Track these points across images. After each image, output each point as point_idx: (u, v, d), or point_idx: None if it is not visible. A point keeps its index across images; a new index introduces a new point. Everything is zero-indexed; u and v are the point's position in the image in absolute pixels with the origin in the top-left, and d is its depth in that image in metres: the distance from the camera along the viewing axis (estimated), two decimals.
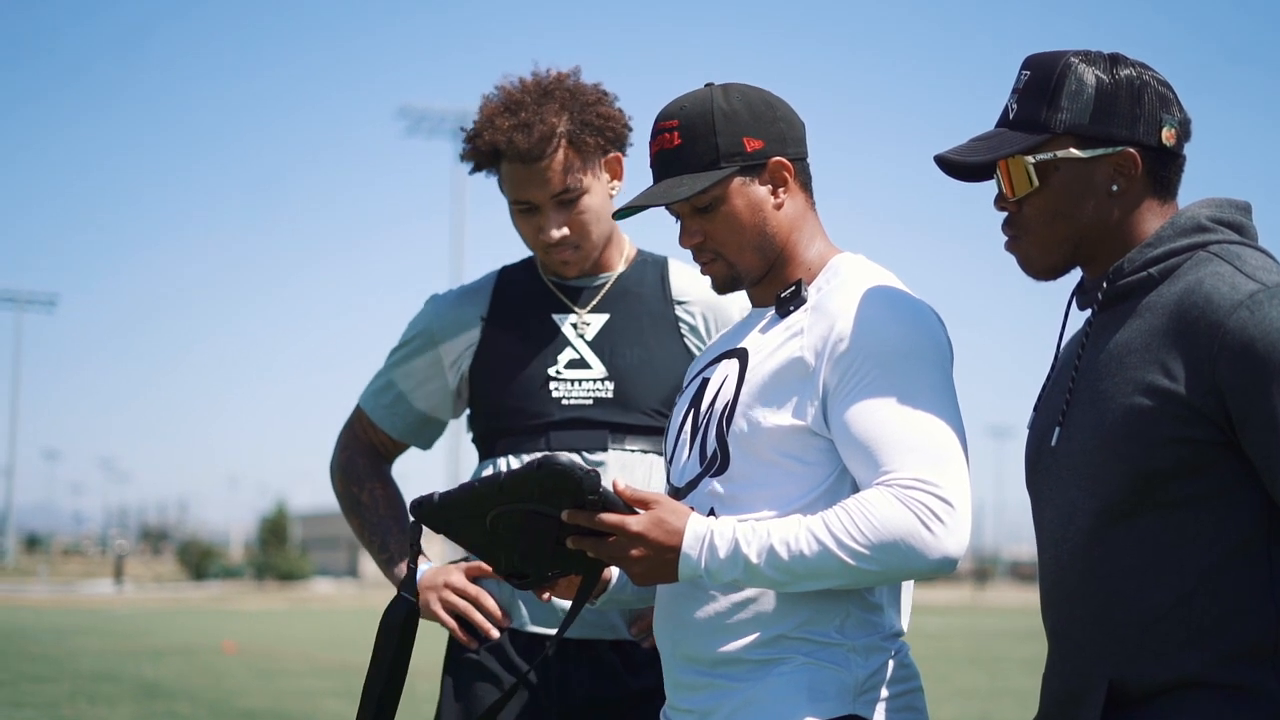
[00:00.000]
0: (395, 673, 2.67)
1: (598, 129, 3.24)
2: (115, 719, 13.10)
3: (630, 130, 3.34)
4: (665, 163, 2.63)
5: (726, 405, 2.59)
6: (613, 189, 3.33)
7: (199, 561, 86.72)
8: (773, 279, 2.67)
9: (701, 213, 2.63)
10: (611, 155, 3.31)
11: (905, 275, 2.65)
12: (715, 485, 2.57)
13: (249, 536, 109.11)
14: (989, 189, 2.45)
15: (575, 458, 2.85)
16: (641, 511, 2.45)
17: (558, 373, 3.29)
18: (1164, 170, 2.36)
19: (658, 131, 2.65)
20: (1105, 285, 2.35)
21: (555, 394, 3.27)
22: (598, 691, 3.19)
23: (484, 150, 3.25)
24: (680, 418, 2.72)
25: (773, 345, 2.59)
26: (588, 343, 3.32)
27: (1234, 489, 2.20)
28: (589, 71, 3.35)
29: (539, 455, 2.45)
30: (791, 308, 2.61)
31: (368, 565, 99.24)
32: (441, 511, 2.54)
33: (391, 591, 2.84)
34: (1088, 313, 2.42)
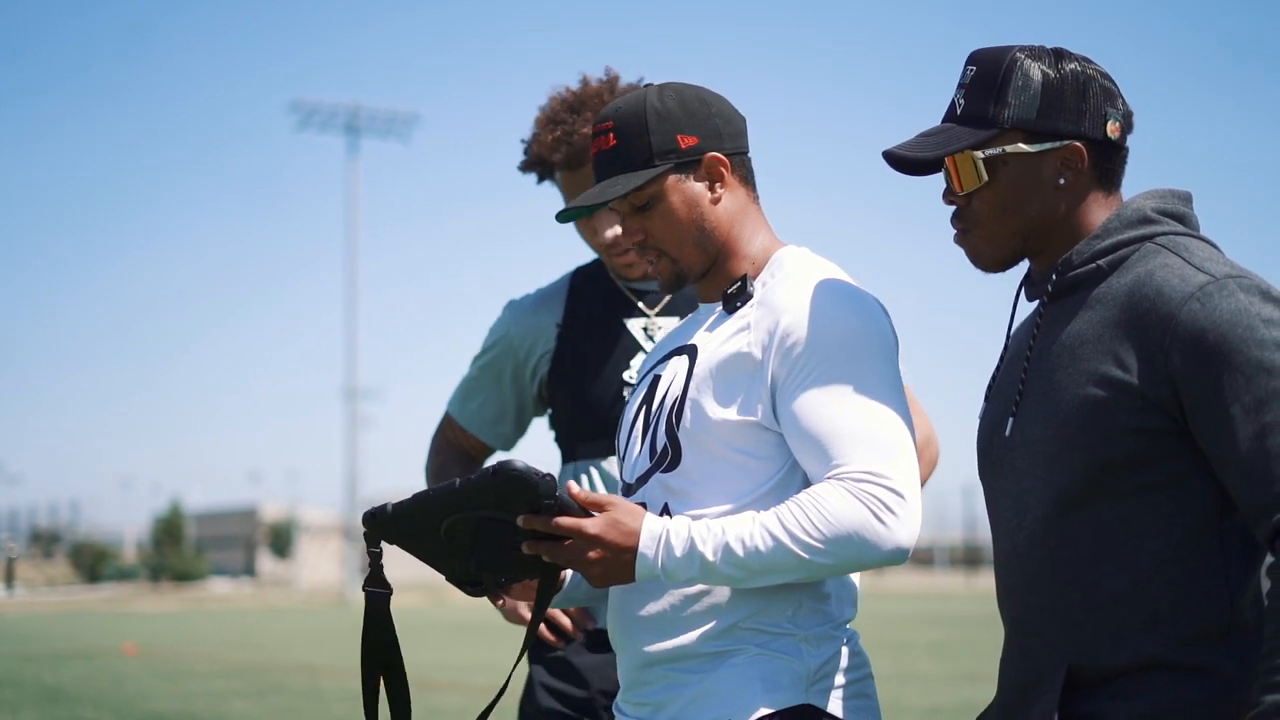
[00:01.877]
0: (393, 661, 2.64)
1: None
2: None
3: None
4: (602, 164, 2.67)
5: (676, 401, 2.60)
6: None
7: (93, 564, 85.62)
8: (716, 274, 2.69)
9: (640, 211, 2.66)
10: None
11: (855, 267, 2.69)
12: (667, 480, 2.59)
13: (142, 537, 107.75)
14: (937, 181, 2.48)
15: (530, 462, 2.88)
16: (596, 514, 2.47)
17: (631, 378, 3.37)
18: (1109, 163, 2.40)
19: (595, 134, 2.68)
20: (1055, 277, 2.38)
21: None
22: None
23: (535, 162, 3.42)
24: (632, 414, 2.73)
25: (720, 340, 2.61)
26: None
27: (1186, 477, 2.25)
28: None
29: (494, 462, 2.47)
30: (738, 303, 2.63)
31: (265, 564, 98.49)
32: (396, 522, 2.52)
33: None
34: (1036, 303, 2.46)
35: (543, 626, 3.35)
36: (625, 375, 3.37)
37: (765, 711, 2.48)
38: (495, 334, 3.55)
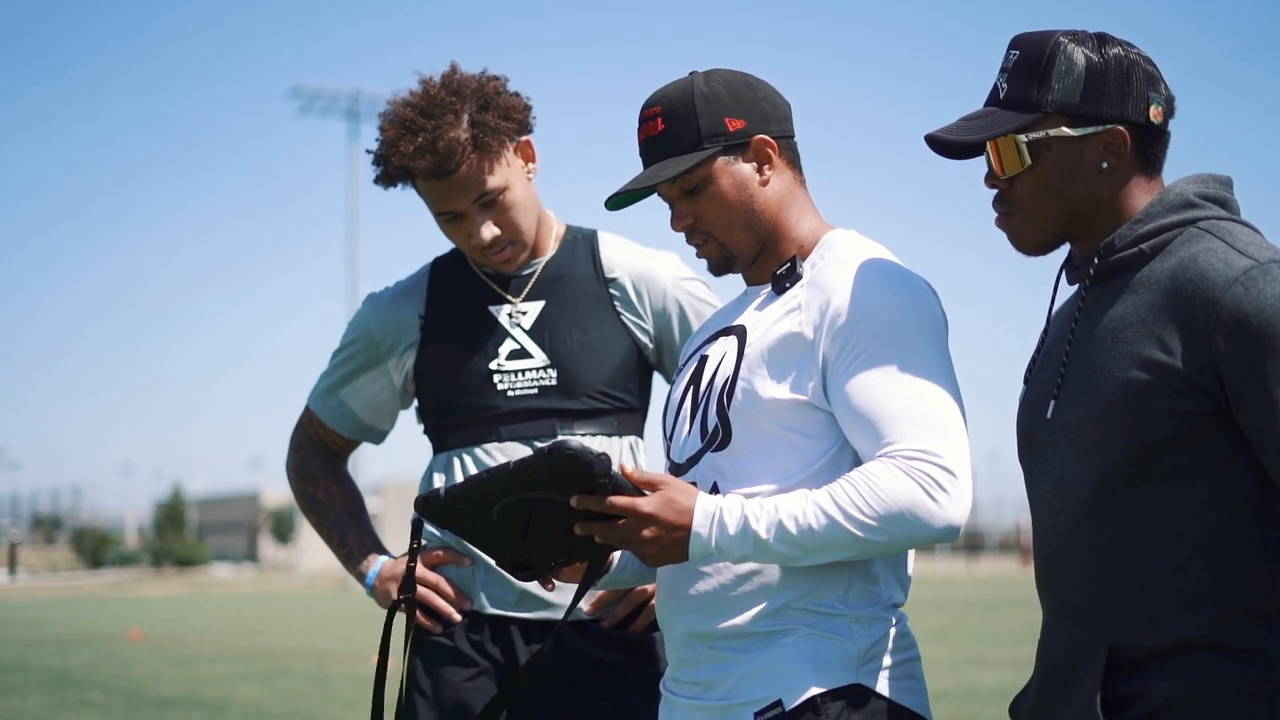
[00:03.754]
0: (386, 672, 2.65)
1: (502, 121, 3.25)
2: (27, 709, 12.93)
3: (530, 108, 3.35)
4: (650, 149, 2.68)
5: (727, 381, 2.62)
6: (529, 172, 3.35)
7: (95, 549, 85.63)
8: (766, 257, 2.71)
9: (689, 195, 2.67)
10: (522, 140, 3.32)
11: (899, 251, 2.70)
12: (717, 460, 2.61)
13: (144, 522, 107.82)
14: (979, 165, 2.49)
15: (584, 442, 2.87)
16: (649, 493, 2.48)
17: (499, 365, 3.33)
18: (1151, 147, 2.41)
19: (643, 120, 2.69)
20: (1097, 261, 2.40)
21: (500, 386, 3.32)
22: (559, 665, 3.25)
23: (394, 174, 3.27)
24: (680, 394, 2.75)
25: (770, 321, 2.63)
26: (526, 331, 3.35)
27: (1228, 459, 2.26)
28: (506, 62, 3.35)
29: (550, 441, 2.46)
30: (787, 284, 2.65)
31: (266, 549, 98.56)
32: (448, 505, 2.53)
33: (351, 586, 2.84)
34: (1077, 287, 2.47)
35: (420, 614, 3.26)
36: (492, 364, 3.32)
37: (816, 691, 2.51)
38: (355, 329, 3.47)
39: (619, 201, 2.75)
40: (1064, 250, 2.50)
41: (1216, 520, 2.26)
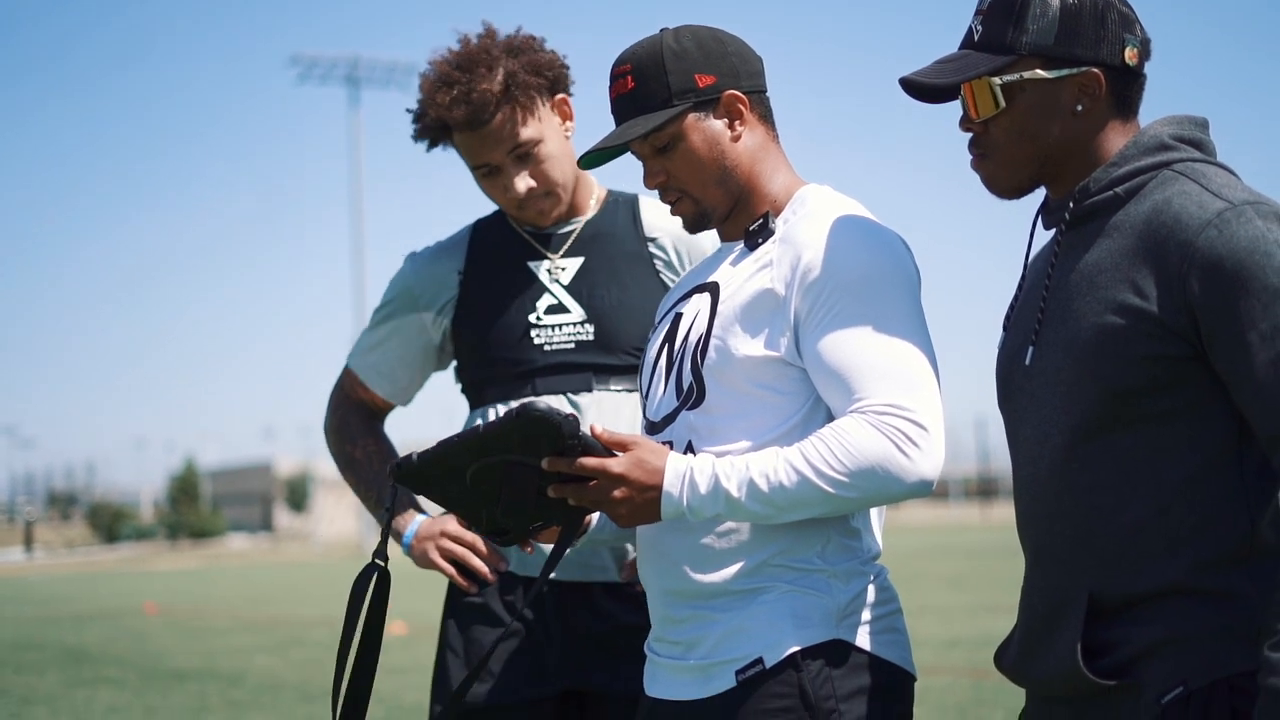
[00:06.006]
0: (369, 639, 2.65)
1: (535, 76, 3.31)
2: (44, 686, 12.99)
3: (567, 69, 3.40)
4: (621, 107, 2.68)
5: (700, 338, 2.62)
6: (566, 130, 3.39)
7: (110, 524, 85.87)
8: (739, 213, 2.70)
9: (661, 152, 2.66)
10: (557, 97, 3.37)
11: (867, 197, 2.69)
12: (692, 418, 2.60)
13: (159, 496, 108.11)
14: (954, 109, 2.46)
15: (553, 402, 2.88)
16: (620, 453, 2.48)
17: (538, 319, 3.36)
18: (1127, 90, 2.39)
19: (613, 78, 2.69)
20: (1072, 205, 2.38)
21: (537, 340, 3.35)
22: (591, 628, 3.29)
23: (432, 126, 3.34)
24: (654, 353, 2.75)
25: (743, 277, 2.62)
26: (564, 287, 3.38)
27: (1205, 403, 2.25)
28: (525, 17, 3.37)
29: (516, 404, 2.46)
30: (760, 240, 2.65)
31: (282, 519, 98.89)
32: (422, 470, 2.52)
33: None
34: (1053, 232, 2.45)
35: (455, 571, 3.31)
36: (531, 317, 3.35)
37: (796, 647, 2.51)
38: (396, 286, 3.51)
39: (592, 160, 2.75)
40: (1039, 195, 2.47)
41: (1195, 464, 2.25)
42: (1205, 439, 2.25)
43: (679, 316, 2.72)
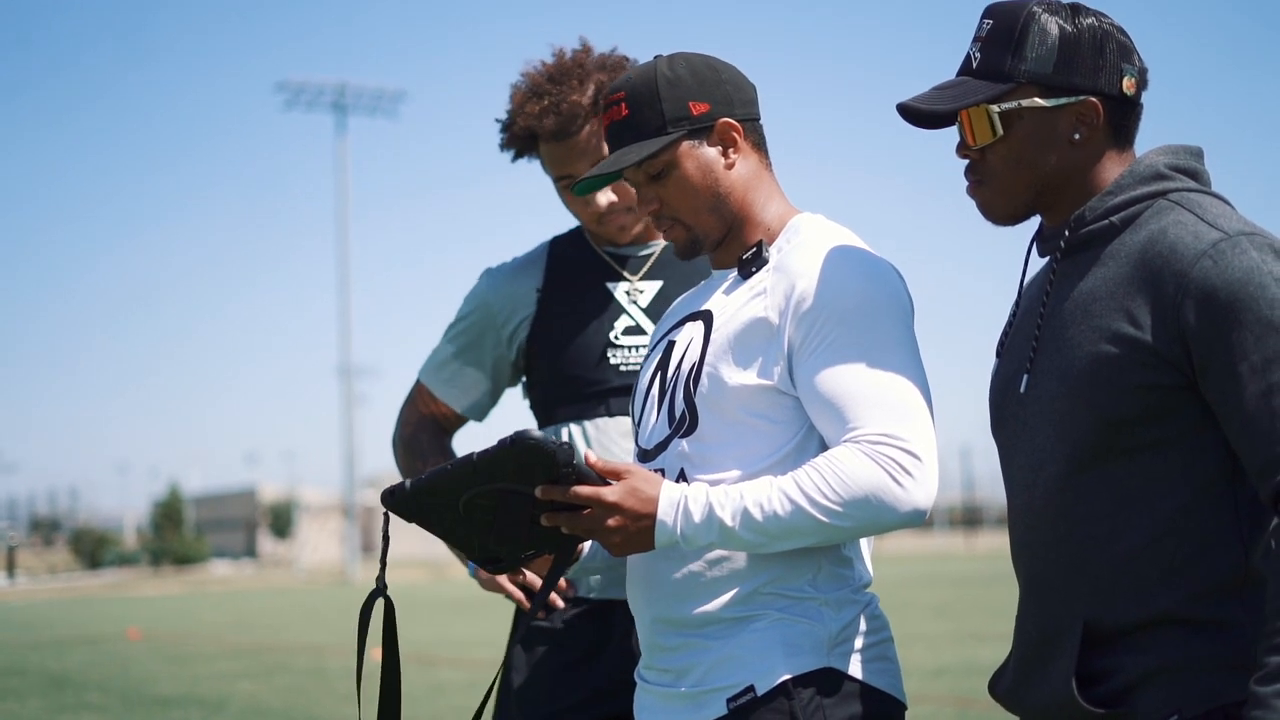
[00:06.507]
0: (389, 663, 2.63)
1: None
2: (26, 713, 12.91)
3: None
4: (615, 134, 2.68)
5: (693, 367, 2.62)
6: None
7: (93, 550, 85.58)
8: (732, 241, 2.70)
9: (655, 180, 2.67)
10: None
11: (860, 224, 2.69)
12: (684, 446, 2.60)
13: (142, 522, 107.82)
14: (951, 136, 2.46)
15: (546, 433, 2.86)
16: (614, 482, 2.47)
17: (615, 339, 3.38)
18: (1124, 119, 2.40)
19: (608, 106, 2.70)
20: (1068, 233, 2.38)
21: (614, 360, 3.37)
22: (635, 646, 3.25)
23: (520, 136, 3.38)
24: (647, 380, 2.75)
25: (736, 306, 2.62)
26: (642, 309, 3.40)
27: (1198, 432, 2.25)
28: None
29: (511, 432, 2.44)
30: (754, 269, 2.65)
31: (265, 545, 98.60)
32: (414, 499, 2.51)
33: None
34: (1048, 260, 2.45)
35: (521, 594, 3.29)
36: (610, 336, 3.37)
37: (788, 675, 2.51)
38: (472, 301, 3.52)
39: (586, 186, 2.77)
40: (1035, 223, 2.48)
41: (1188, 493, 2.25)
42: (1198, 469, 2.25)
43: (671, 344, 2.71)
